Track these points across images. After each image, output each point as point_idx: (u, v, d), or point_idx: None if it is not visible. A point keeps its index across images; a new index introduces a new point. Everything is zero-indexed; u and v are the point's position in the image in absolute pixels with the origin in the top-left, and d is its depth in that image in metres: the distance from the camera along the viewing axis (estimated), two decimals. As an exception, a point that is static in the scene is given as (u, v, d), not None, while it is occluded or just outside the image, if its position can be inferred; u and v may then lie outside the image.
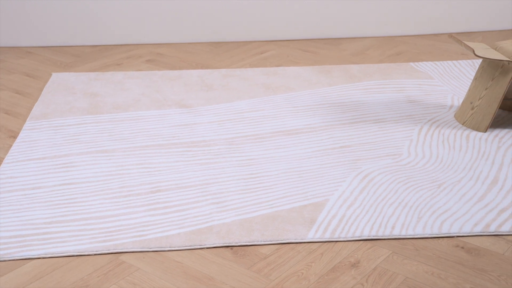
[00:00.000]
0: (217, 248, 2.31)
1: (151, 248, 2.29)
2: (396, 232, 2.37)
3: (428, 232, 2.37)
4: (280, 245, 2.33)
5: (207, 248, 2.31)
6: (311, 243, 2.34)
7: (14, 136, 3.11)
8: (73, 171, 2.79)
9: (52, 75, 3.87)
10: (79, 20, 4.40)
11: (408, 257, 2.25)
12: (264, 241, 2.34)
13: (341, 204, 2.54)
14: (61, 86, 3.69)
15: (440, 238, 2.35)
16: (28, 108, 3.42)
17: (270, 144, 3.01)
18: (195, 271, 2.19)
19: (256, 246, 2.32)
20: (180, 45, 4.45)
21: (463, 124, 3.18)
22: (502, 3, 4.65)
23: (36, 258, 2.25)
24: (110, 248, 2.29)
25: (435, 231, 2.37)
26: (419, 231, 2.38)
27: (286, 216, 2.47)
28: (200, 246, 2.31)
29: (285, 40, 4.53)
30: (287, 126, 3.18)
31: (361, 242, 2.34)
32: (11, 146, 3.01)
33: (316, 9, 4.51)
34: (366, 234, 2.36)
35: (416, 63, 4.02)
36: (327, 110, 3.36)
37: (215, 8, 4.45)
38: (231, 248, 2.31)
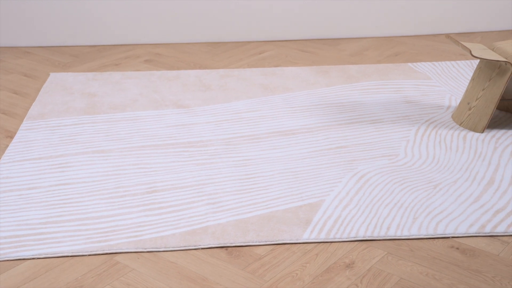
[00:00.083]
0: (212, 249, 2.31)
1: (146, 249, 2.29)
2: (392, 233, 2.37)
3: (423, 233, 2.37)
4: (275, 245, 2.33)
5: (202, 248, 2.31)
6: (306, 244, 2.34)
7: (11, 136, 3.11)
8: (69, 171, 2.79)
9: (50, 75, 3.87)
10: (78, 20, 4.40)
11: (403, 257, 2.25)
12: (259, 241, 2.34)
13: (336, 204, 2.54)
14: (58, 86, 3.69)
15: (435, 239, 2.35)
16: (25, 108, 3.42)
17: (267, 145, 3.01)
18: (189, 272, 2.19)
19: (251, 247, 2.32)
20: (178, 45, 4.45)
21: (460, 125, 3.18)
22: (501, 3, 4.65)
23: (30, 259, 2.25)
24: (105, 248, 2.29)
25: (430, 231, 2.37)
26: (414, 232, 2.37)
27: (281, 216, 2.47)
28: (195, 246, 2.31)
29: (283, 41, 4.52)
30: (284, 127, 3.18)
31: (356, 242, 2.34)
32: (8, 146, 3.01)
33: (314, 9, 4.51)
34: (361, 235, 2.36)
35: (414, 63, 4.02)
36: (325, 111, 3.36)
37: (213, 8, 4.45)
38: (226, 249, 2.31)
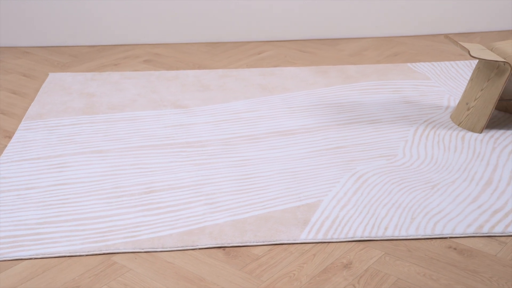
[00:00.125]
0: (209, 249, 2.31)
1: (143, 249, 2.29)
2: (389, 233, 2.37)
3: (421, 233, 2.36)
4: (272, 246, 2.33)
5: (199, 249, 2.31)
6: (303, 244, 2.33)
7: (9, 136, 3.11)
8: (67, 171, 2.79)
9: (49, 75, 3.87)
10: (77, 20, 4.40)
11: (400, 258, 2.25)
12: (256, 242, 2.33)
13: (334, 205, 2.54)
14: (57, 86, 3.69)
15: (433, 239, 2.35)
16: (24, 108, 3.42)
17: (265, 145, 3.01)
18: (186, 272, 2.18)
19: (248, 247, 2.32)
20: (177, 45, 4.45)
21: (458, 125, 3.17)
22: (501, 3, 4.64)
23: (27, 259, 2.25)
24: (102, 248, 2.29)
25: (428, 232, 2.37)
26: (412, 232, 2.37)
27: (279, 217, 2.46)
28: (192, 247, 2.31)
29: (282, 41, 4.52)
30: (282, 127, 3.18)
31: (353, 243, 2.34)
32: (6, 146, 3.01)
33: (314, 9, 4.51)
34: (359, 235, 2.36)
35: (413, 63, 4.02)
36: (323, 111, 3.36)
37: (213, 8, 4.45)
38: (224, 249, 2.30)
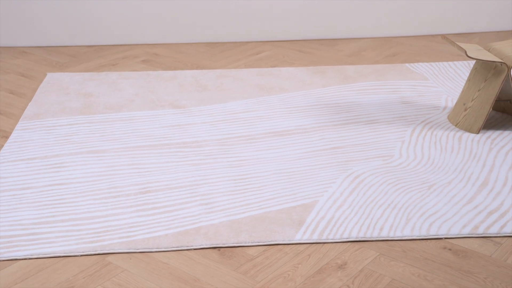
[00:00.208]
0: (204, 249, 2.31)
1: (138, 249, 2.29)
2: (384, 234, 2.37)
3: (416, 234, 2.36)
4: (267, 246, 2.33)
5: (194, 249, 2.31)
6: (298, 245, 2.33)
7: (6, 136, 3.12)
8: (63, 171, 2.79)
9: (47, 75, 3.87)
10: (75, 20, 4.40)
11: (395, 258, 2.25)
12: (251, 242, 2.33)
13: (330, 205, 2.54)
14: (55, 86, 3.69)
15: (428, 240, 2.34)
16: (21, 108, 3.43)
17: (262, 145, 3.01)
18: (181, 272, 2.18)
19: (243, 248, 2.32)
20: (176, 45, 4.45)
21: (456, 126, 3.17)
22: (500, 4, 4.64)
23: (22, 259, 2.25)
24: (97, 249, 2.29)
25: (423, 233, 2.37)
26: (407, 233, 2.37)
27: (274, 217, 2.46)
28: (187, 247, 2.31)
29: (281, 41, 4.52)
30: (279, 127, 3.18)
31: (348, 243, 2.34)
32: (3, 146, 3.01)
33: (312, 9, 4.50)
34: (354, 236, 2.36)
35: (411, 64, 4.01)
36: (320, 111, 3.36)
37: (212, 8, 4.45)
38: (219, 249, 2.30)
